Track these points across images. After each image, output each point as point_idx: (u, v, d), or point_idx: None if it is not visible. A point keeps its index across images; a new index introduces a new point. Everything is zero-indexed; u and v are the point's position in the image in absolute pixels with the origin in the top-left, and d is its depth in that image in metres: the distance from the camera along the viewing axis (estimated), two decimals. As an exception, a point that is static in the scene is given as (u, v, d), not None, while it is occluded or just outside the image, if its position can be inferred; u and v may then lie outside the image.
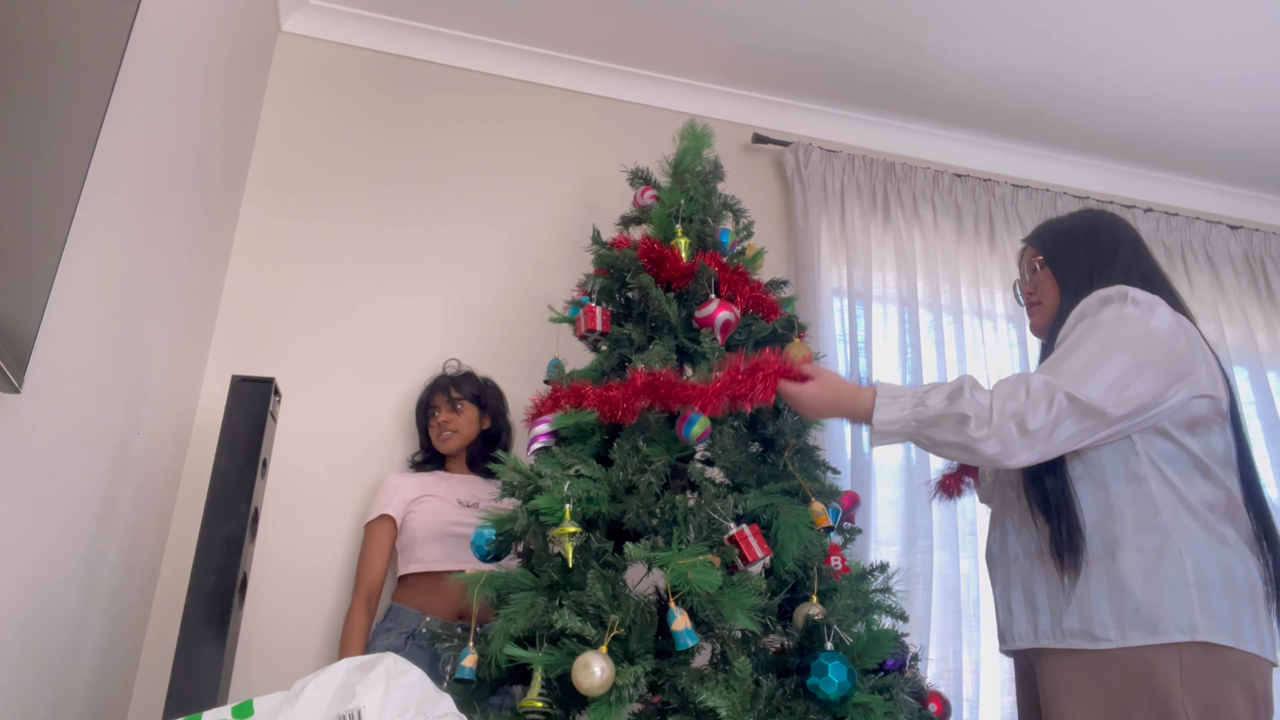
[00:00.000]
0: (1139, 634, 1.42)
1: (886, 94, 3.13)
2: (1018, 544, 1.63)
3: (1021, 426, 1.44)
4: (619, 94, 3.07)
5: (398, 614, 2.11)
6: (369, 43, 2.90)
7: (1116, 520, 1.49)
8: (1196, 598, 1.41)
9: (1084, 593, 1.48)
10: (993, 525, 1.75)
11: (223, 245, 2.50)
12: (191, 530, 2.28)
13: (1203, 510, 1.48)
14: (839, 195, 3.04)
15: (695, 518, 1.56)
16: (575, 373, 1.89)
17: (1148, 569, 1.44)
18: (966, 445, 1.47)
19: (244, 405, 1.75)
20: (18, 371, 1.19)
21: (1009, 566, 1.64)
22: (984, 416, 1.45)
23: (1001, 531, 1.70)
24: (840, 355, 2.83)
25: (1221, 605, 1.42)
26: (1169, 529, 1.46)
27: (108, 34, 1.37)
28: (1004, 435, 1.44)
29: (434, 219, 2.77)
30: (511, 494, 1.66)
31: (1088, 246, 1.70)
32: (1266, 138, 3.26)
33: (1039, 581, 1.56)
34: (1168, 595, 1.42)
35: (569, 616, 1.42)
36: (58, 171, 1.25)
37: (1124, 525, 1.48)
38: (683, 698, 1.43)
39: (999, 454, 1.45)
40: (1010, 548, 1.65)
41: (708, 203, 2.05)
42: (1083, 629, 1.47)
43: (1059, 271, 1.72)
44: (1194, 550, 1.45)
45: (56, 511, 1.55)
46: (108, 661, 1.93)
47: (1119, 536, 1.48)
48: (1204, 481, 1.51)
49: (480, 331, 2.67)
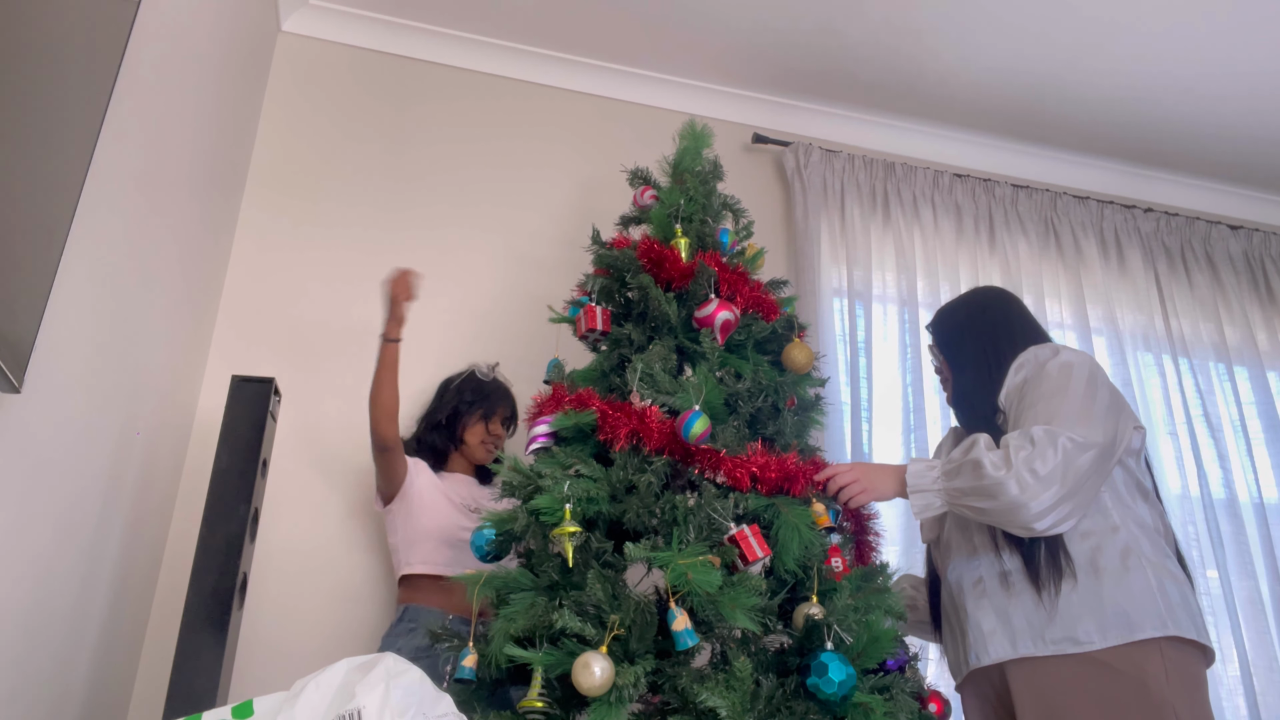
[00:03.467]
0: (1119, 633, 1.53)
1: (886, 94, 3.13)
2: (977, 571, 1.72)
3: (1034, 473, 1.53)
4: (619, 94, 3.07)
5: (416, 614, 2.07)
6: (369, 43, 2.90)
7: (1084, 538, 1.63)
8: (1161, 600, 1.56)
9: (1065, 606, 1.59)
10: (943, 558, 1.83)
11: (223, 245, 2.50)
12: (191, 530, 2.28)
13: (1149, 527, 1.66)
14: (839, 195, 3.04)
15: (695, 518, 1.56)
16: (575, 373, 1.89)
17: (1117, 578, 1.58)
18: (990, 488, 1.56)
19: (244, 405, 1.75)
20: (18, 371, 1.19)
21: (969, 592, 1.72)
22: (999, 460, 1.57)
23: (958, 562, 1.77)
24: (840, 355, 2.83)
25: (1181, 607, 1.57)
26: (1128, 543, 1.62)
27: (108, 34, 1.37)
28: (1020, 478, 1.54)
29: (434, 219, 2.77)
30: (511, 494, 1.66)
31: (974, 329, 1.86)
32: (1267, 137, 3.26)
33: (1014, 602, 1.64)
34: (1140, 598, 1.56)
35: (569, 616, 1.42)
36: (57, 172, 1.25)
37: (1091, 542, 1.62)
38: (683, 698, 1.42)
39: (1018, 496, 1.53)
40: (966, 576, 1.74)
41: (707, 203, 2.05)
42: (1065, 636, 1.57)
43: (949, 356, 1.89)
44: (1151, 561, 1.60)
45: (56, 511, 1.55)
46: (108, 661, 1.93)
47: (1089, 552, 1.61)
48: (1144, 503, 1.68)
49: (480, 331, 2.67)
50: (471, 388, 2.32)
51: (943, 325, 1.93)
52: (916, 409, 2.79)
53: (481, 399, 2.30)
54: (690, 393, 1.68)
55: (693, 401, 1.66)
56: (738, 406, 1.80)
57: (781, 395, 1.86)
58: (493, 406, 2.29)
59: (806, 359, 1.89)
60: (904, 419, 2.81)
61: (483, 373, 2.36)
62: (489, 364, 2.41)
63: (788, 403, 1.89)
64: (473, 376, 2.34)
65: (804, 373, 1.91)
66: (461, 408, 2.29)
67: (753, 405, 1.82)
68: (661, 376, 1.75)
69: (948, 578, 1.80)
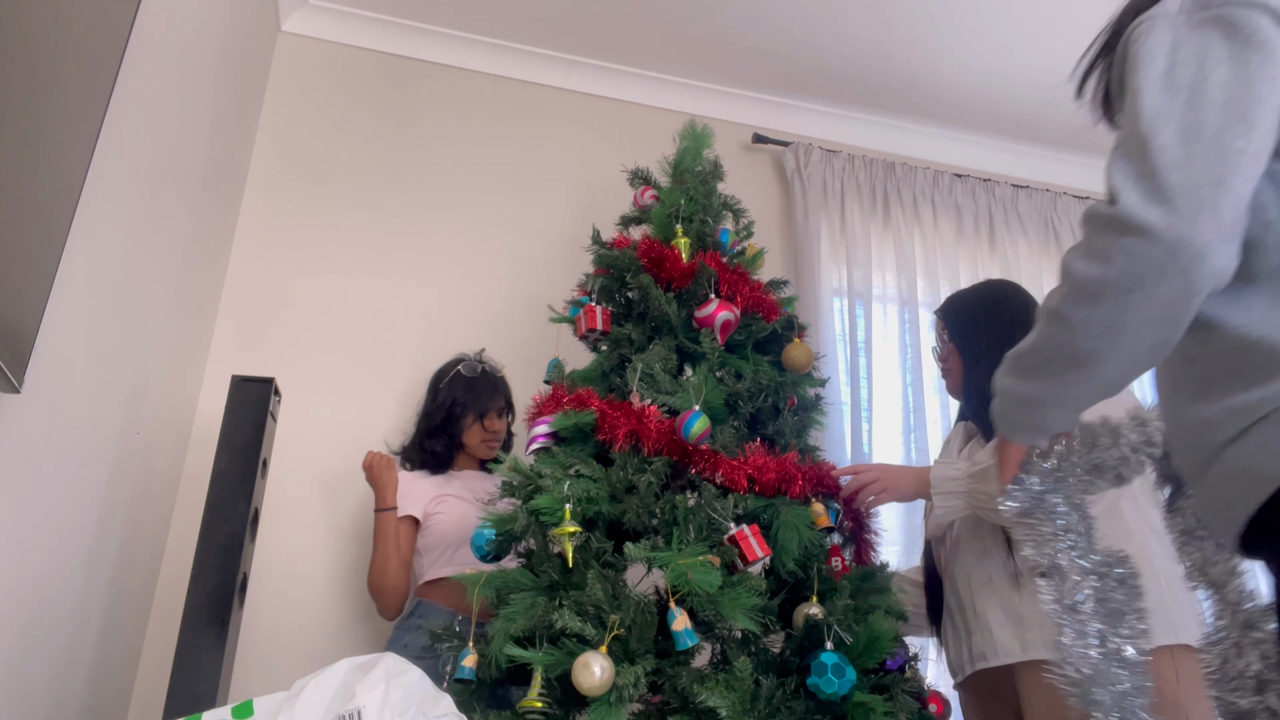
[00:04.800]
0: None
1: (886, 94, 3.13)
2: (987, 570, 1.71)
3: None
4: (619, 94, 3.07)
5: (427, 610, 2.06)
6: (369, 43, 2.90)
7: None
8: (1174, 609, 1.55)
9: None
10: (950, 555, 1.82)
11: (223, 245, 2.50)
12: (191, 530, 2.27)
13: (1161, 533, 1.62)
14: (839, 195, 3.04)
15: (695, 518, 1.56)
16: (575, 373, 1.89)
17: None
18: None
19: (244, 405, 1.75)
20: (18, 371, 1.19)
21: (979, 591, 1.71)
22: None
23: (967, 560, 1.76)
24: (840, 355, 2.83)
25: (1191, 616, 1.56)
26: (1141, 550, 1.58)
27: (108, 34, 1.37)
28: None
29: (434, 219, 2.77)
30: (511, 494, 1.66)
31: (989, 319, 1.83)
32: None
33: (1026, 604, 1.62)
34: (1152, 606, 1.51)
35: (569, 616, 1.42)
36: (58, 171, 1.25)
37: None
38: (683, 698, 1.42)
39: None
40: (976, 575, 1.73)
41: (708, 203, 2.05)
42: None
43: (961, 345, 1.86)
44: (1163, 569, 1.58)
45: (56, 511, 1.55)
46: (108, 661, 1.92)
47: None
48: (1154, 510, 1.65)
49: (480, 331, 2.67)
50: (462, 386, 2.25)
51: (958, 314, 1.90)
52: (916, 409, 2.79)
53: (472, 399, 2.23)
54: (690, 393, 1.68)
55: (692, 401, 1.66)
56: (738, 406, 1.80)
57: (781, 395, 1.86)
58: (484, 404, 2.23)
59: (806, 359, 1.89)
60: (904, 419, 2.81)
61: (470, 368, 2.28)
62: (475, 354, 2.34)
63: (788, 403, 1.89)
64: (459, 375, 2.27)
65: (804, 373, 1.91)
66: (455, 410, 2.24)
67: (753, 405, 1.82)
68: (661, 376, 1.75)
69: (954, 574, 1.79)
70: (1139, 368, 0.86)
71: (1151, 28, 0.86)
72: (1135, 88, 0.84)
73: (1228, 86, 0.79)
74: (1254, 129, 0.78)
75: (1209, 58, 0.81)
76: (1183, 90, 0.81)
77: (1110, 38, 0.97)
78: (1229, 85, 0.80)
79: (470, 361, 2.31)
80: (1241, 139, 0.78)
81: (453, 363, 2.33)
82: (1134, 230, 0.78)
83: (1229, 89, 0.79)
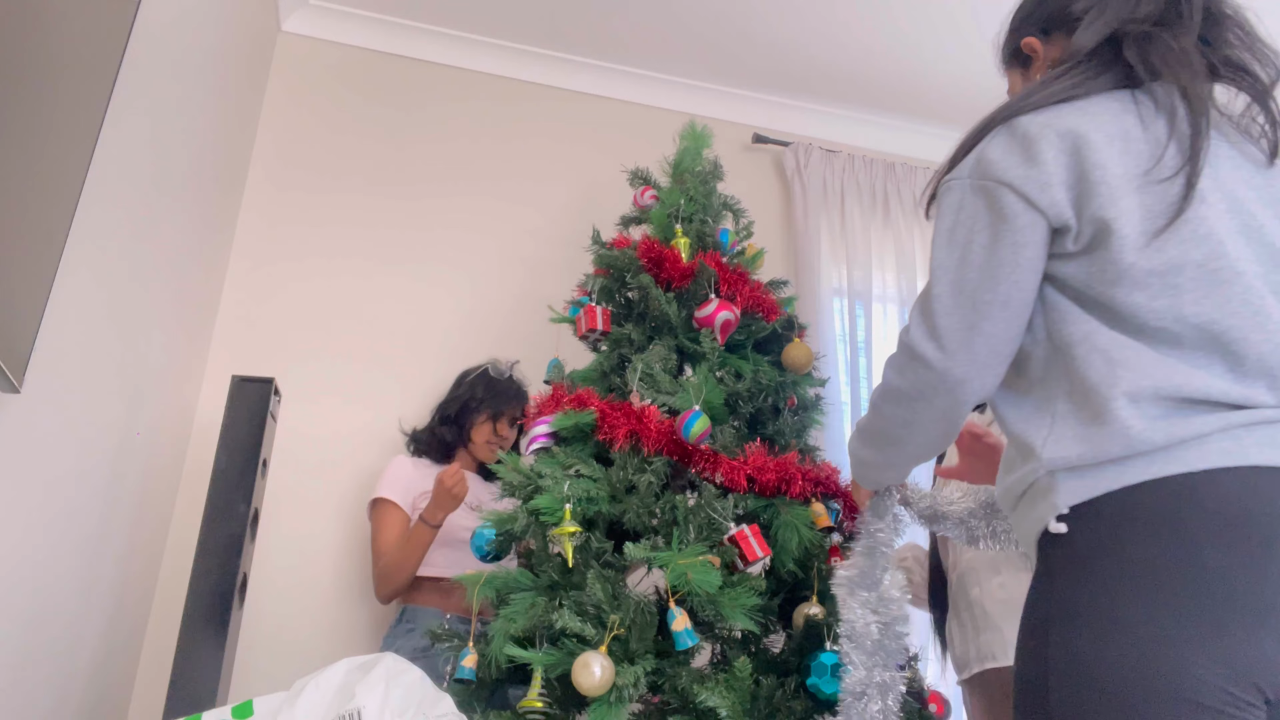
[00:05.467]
0: None
1: (886, 94, 3.13)
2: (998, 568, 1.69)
3: None
4: (619, 94, 3.07)
5: (414, 615, 2.07)
6: (369, 43, 2.90)
7: None
8: (980, 634, 1.62)
9: None
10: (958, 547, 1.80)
11: (223, 245, 2.50)
12: (191, 530, 2.28)
13: None
14: (839, 195, 3.04)
15: (695, 518, 1.56)
16: (575, 373, 1.89)
17: None
18: None
19: (244, 405, 1.75)
20: (18, 371, 1.19)
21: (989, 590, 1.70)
22: None
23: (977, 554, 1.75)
24: (840, 355, 2.83)
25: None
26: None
27: (108, 34, 1.37)
28: None
29: (434, 219, 2.77)
30: (511, 494, 1.66)
31: None
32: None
33: None
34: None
35: (569, 616, 1.42)
36: (58, 172, 1.25)
37: None
38: (683, 698, 1.42)
39: None
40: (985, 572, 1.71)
41: (708, 203, 2.05)
42: None
43: None
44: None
45: (56, 511, 1.55)
46: (108, 661, 1.93)
47: None
48: None
49: (480, 331, 2.67)
50: (484, 385, 2.28)
51: None
52: (916, 409, 2.79)
53: (491, 398, 2.26)
54: (690, 393, 1.68)
55: (692, 401, 1.66)
56: (738, 407, 1.80)
57: (781, 395, 1.86)
58: (501, 407, 2.25)
59: (806, 359, 1.89)
60: (904, 419, 2.81)
61: (498, 370, 2.31)
62: (509, 362, 2.36)
63: (788, 403, 1.89)
64: (485, 373, 2.30)
65: (804, 373, 1.91)
66: (471, 404, 2.26)
67: (753, 405, 1.82)
68: (661, 376, 1.75)
69: (963, 571, 1.78)
70: (935, 448, 1.16)
71: (948, 190, 1.12)
72: (934, 236, 1.12)
73: (984, 250, 1.04)
74: (999, 284, 1.03)
75: (976, 223, 1.06)
76: (958, 247, 1.07)
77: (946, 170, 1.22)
78: (985, 249, 1.04)
79: (500, 365, 2.34)
80: (989, 293, 1.03)
81: (483, 363, 2.36)
82: (917, 358, 1.07)
83: (984, 253, 1.04)
